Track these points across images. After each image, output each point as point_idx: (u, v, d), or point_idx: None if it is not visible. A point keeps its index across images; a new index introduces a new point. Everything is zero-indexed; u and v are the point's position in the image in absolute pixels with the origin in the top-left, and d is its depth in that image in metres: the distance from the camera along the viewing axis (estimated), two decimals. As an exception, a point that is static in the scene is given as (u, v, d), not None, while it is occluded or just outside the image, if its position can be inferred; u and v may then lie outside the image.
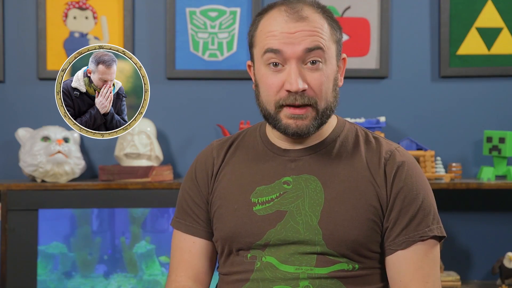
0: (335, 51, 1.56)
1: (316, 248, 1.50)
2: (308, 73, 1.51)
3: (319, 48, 1.50)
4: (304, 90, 1.50)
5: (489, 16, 3.05)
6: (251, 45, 1.59)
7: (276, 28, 1.51)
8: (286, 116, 1.52)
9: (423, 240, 1.52)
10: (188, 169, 1.69)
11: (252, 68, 1.61)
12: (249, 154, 1.62)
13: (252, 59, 1.60)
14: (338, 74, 1.58)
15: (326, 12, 1.56)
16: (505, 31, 3.06)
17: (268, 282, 1.52)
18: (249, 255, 1.55)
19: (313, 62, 1.51)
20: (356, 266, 1.52)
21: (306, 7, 1.53)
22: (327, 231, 1.50)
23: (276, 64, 1.51)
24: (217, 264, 1.67)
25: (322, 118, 1.53)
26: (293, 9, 1.52)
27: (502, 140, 2.89)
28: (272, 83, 1.52)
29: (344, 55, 1.60)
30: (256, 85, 1.58)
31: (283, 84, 1.50)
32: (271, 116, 1.54)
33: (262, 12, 1.57)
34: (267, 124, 1.63)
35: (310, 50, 1.50)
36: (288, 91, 1.50)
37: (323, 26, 1.53)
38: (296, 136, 1.53)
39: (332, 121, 1.61)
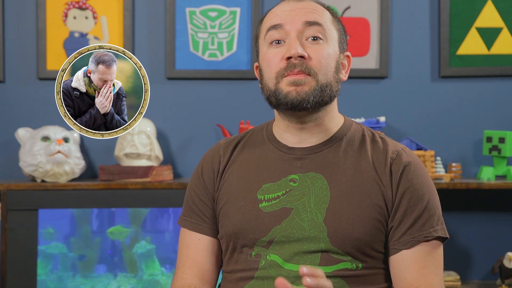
0: (338, 38, 1.60)
1: (320, 245, 1.51)
2: (309, 46, 1.55)
3: (318, 23, 1.56)
4: (303, 58, 1.53)
5: (489, 16, 3.05)
6: (256, 39, 1.64)
7: (279, 9, 1.59)
8: (286, 84, 1.53)
9: (427, 241, 1.52)
10: (195, 168, 1.70)
11: (258, 68, 1.63)
12: (256, 152, 1.63)
13: (257, 53, 1.64)
14: (340, 61, 1.60)
15: (329, 8, 1.63)
16: (505, 31, 3.06)
17: (273, 280, 1.52)
18: (253, 253, 1.55)
19: (314, 39, 1.55)
20: (360, 265, 1.53)
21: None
22: (331, 229, 1.51)
23: (278, 42, 1.56)
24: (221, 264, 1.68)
25: (322, 93, 1.54)
26: None
27: (502, 140, 2.89)
28: (274, 57, 1.56)
29: (348, 53, 1.64)
30: (260, 72, 1.61)
31: (283, 56, 1.54)
32: (273, 91, 1.56)
33: (268, 11, 1.64)
34: (275, 122, 1.65)
35: (309, 24, 1.55)
36: (288, 58, 1.53)
37: (324, 11, 1.60)
38: (296, 104, 1.53)
39: (339, 120, 1.63)
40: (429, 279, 1.51)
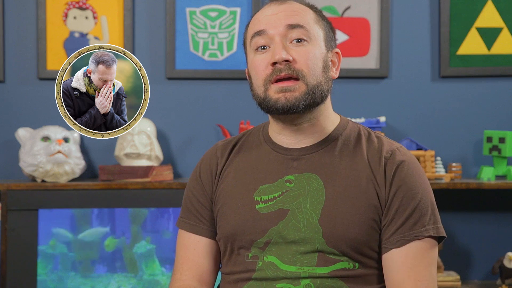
0: (323, 37, 1.58)
1: (316, 246, 1.51)
2: (293, 48, 1.54)
3: (301, 26, 1.55)
4: (288, 61, 1.52)
5: (489, 16, 3.05)
6: (244, 45, 1.64)
7: (261, 14, 1.59)
8: (274, 91, 1.53)
9: (418, 240, 1.52)
10: (193, 170, 1.70)
11: (248, 73, 1.63)
12: (252, 153, 1.63)
13: (246, 60, 1.63)
14: (329, 60, 1.59)
15: (311, 5, 1.62)
16: (505, 31, 3.06)
17: (271, 281, 1.52)
18: (250, 255, 1.55)
19: (298, 41, 1.55)
20: (357, 265, 1.53)
21: (294, 0, 1.61)
22: (327, 229, 1.51)
23: (263, 48, 1.56)
24: (220, 265, 1.68)
25: (313, 96, 1.53)
26: (279, 0, 1.60)
27: (502, 140, 2.89)
28: (260, 64, 1.55)
29: (337, 50, 1.63)
30: (249, 78, 1.61)
31: (269, 61, 1.54)
32: (262, 98, 1.55)
33: (253, 16, 1.64)
34: (270, 124, 1.65)
35: (292, 26, 1.54)
36: (274, 64, 1.53)
37: (307, 11, 1.59)
38: (287, 110, 1.53)
39: (335, 120, 1.63)
40: (416, 280, 1.50)
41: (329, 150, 1.58)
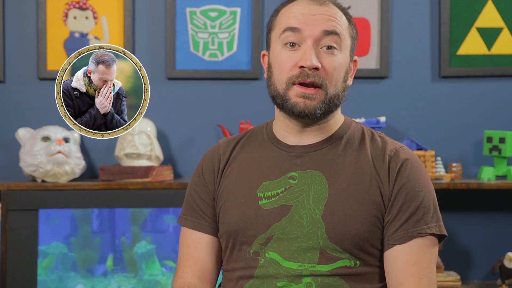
0: (350, 46, 1.61)
1: (318, 241, 1.52)
2: (323, 55, 1.55)
3: (336, 33, 1.56)
4: (317, 69, 1.53)
5: (489, 16, 3.05)
6: (269, 30, 1.64)
7: (298, 10, 1.58)
8: (295, 94, 1.54)
9: (421, 237, 1.53)
10: (196, 167, 1.71)
11: (266, 57, 1.64)
12: (256, 150, 1.64)
13: (268, 45, 1.63)
14: (349, 68, 1.62)
15: (345, 11, 1.63)
16: (505, 31, 3.06)
17: (272, 279, 1.53)
18: (251, 251, 1.56)
19: (329, 48, 1.56)
20: (358, 263, 1.53)
21: (328, 1, 1.61)
22: (329, 225, 1.52)
23: (293, 44, 1.56)
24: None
25: (329, 104, 1.56)
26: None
27: (502, 140, 2.89)
28: (287, 61, 1.56)
29: (356, 58, 1.65)
30: (269, 67, 1.61)
31: (297, 63, 1.54)
32: (280, 95, 1.56)
33: (286, 3, 1.63)
34: (275, 120, 1.65)
35: (328, 33, 1.55)
36: (302, 67, 1.53)
37: (342, 17, 1.60)
38: (303, 115, 1.55)
39: (339, 119, 1.64)
40: (418, 277, 1.51)
41: (333, 148, 1.60)
